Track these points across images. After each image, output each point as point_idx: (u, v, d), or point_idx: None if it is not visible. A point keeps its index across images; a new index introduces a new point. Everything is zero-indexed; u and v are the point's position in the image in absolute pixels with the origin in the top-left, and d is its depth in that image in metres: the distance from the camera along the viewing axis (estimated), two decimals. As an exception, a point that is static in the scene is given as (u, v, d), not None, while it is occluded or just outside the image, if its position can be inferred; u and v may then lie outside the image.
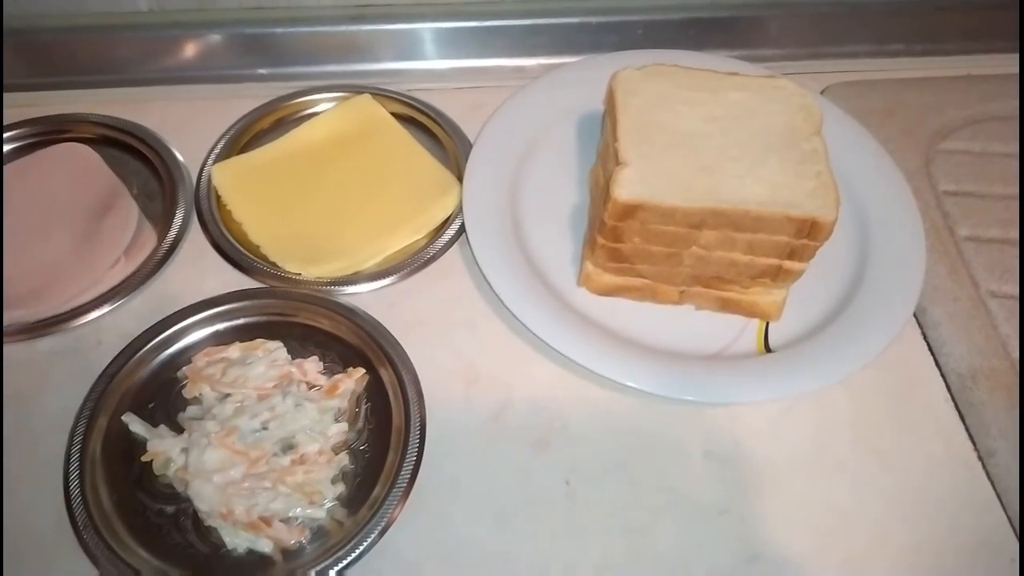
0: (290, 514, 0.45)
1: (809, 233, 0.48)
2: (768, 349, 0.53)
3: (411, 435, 0.48)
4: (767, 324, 0.54)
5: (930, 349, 0.54)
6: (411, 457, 0.47)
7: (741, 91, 0.53)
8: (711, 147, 0.50)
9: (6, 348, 0.51)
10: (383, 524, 0.45)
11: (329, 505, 0.46)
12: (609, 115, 0.54)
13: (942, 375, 0.53)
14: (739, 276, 0.51)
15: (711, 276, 0.52)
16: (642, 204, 0.48)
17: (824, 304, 0.54)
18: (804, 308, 0.54)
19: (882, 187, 0.59)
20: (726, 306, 0.54)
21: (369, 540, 0.44)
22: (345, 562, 0.44)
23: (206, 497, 0.44)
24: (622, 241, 0.50)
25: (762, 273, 0.50)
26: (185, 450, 0.46)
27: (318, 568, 0.43)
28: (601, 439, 0.49)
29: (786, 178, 0.49)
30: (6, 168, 0.59)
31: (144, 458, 0.46)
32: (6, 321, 0.52)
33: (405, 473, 0.47)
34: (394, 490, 0.46)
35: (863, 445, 0.50)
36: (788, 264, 0.50)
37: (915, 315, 0.55)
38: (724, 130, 0.51)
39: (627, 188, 0.48)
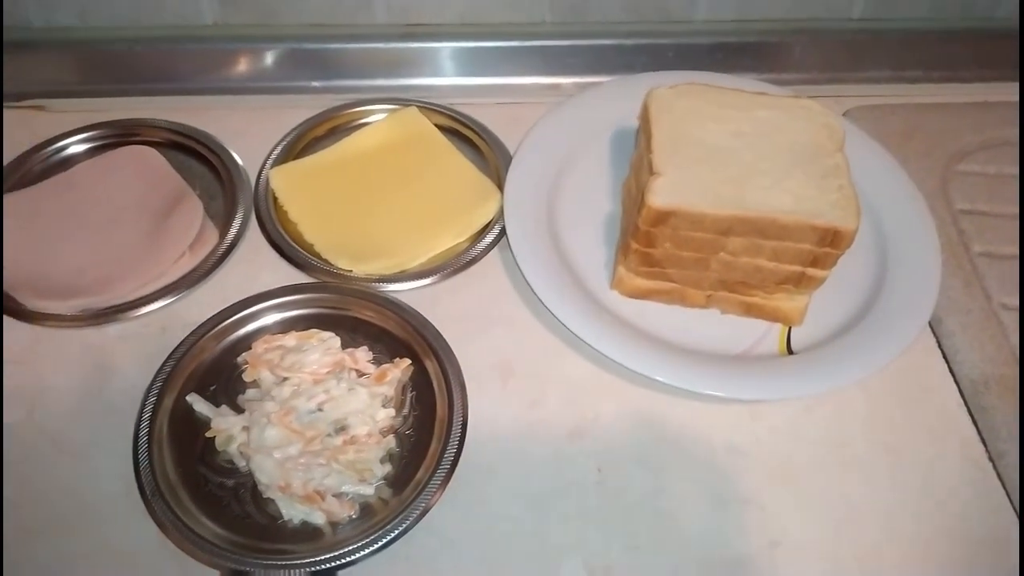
0: (342, 489, 0.48)
1: (831, 242, 0.51)
2: (790, 352, 0.56)
3: (454, 423, 0.51)
4: (789, 328, 0.57)
5: (944, 356, 0.57)
6: (454, 443, 0.50)
7: (768, 110, 0.57)
8: (739, 160, 0.54)
9: (80, 332, 0.55)
10: (426, 504, 0.48)
11: (377, 483, 0.49)
12: (643, 129, 0.58)
13: (955, 381, 0.56)
14: (764, 282, 0.54)
15: (737, 281, 0.55)
16: (674, 211, 0.51)
17: (844, 311, 0.58)
18: (825, 314, 0.57)
19: (900, 203, 0.63)
20: (750, 310, 0.57)
21: (413, 517, 0.47)
22: (390, 536, 0.46)
23: (267, 470, 0.48)
24: (654, 246, 0.54)
25: (786, 279, 0.54)
26: (246, 428, 0.50)
27: (366, 540, 0.46)
28: (631, 431, 0.53)
29: (810, 190, 0.52)
30: (80, 166, 0.63)
31: (208, 434, 0.50)
32: (79, 307, 0.55)
33: (448, 458, 0.49)
34: (437, 472, 0.49)
35: (878, 444, 0.53)
36: (811, 271, 0.53)
37: (930, 324, 0.58)
38: (751, 145, 0.55)
39: (660, 195, 0.52)
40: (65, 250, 0.58)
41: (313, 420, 0.50)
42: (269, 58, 0.70)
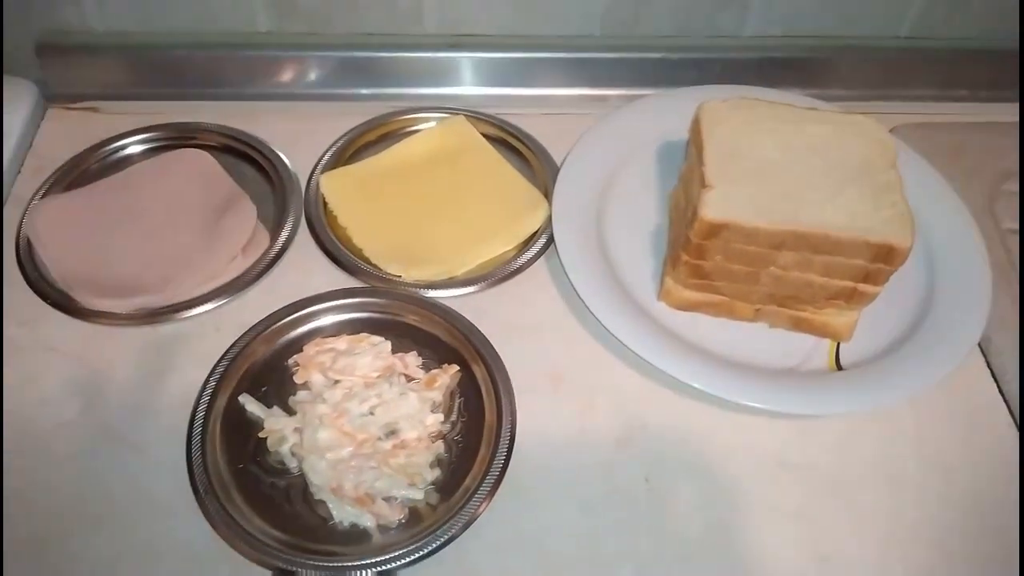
0: (391, 493, 0.49)
1: (885, 258, 0.51)
2: (839, 367, 0.56)
3: (503, 430, 0.51)
4: (838, 344, 0.57)
5: (993, 375, 0.57)
6: (502, 451, 0.50)
7: (820, 124, 0.57)
8: (791, 175, 0.54)
9: (136, 330, 0.56)
10: (474, 510, 0.48)
11: (426, 488, 0.49)
12: (694, 142, 0.58)
13: (1005, 401, 0.55)
14: (814, 297, 0.54)
15: (787, 296, 0.55)
16: (727, 224, 0.51)
17: (893, 328, 0.57)
18: (874, 331, 0.57)
19: (949, 221, 0.62)
20: (799, 325, 0.57)
21: (461, 523, 0.47)
22: (439, 542, 0.47)
23: (320, 471, 0.48)
24: (705, 259, 0.54)
25: (836, 295, 0.54)
26: (298, 430, 0.50)
27: (414, 545, 0.47)
28: (680, 442, 0.53)
29: (864, 206, 0.52)
30: (136, 167, 0.64)
31: (261, 434, 0.51)
32: (135, 306, 0.56)
33: (496, 465, 0.50)
34: (486, 480, 0.49)
35: (927, 463, 0.52)
36: (863, 287, 0.53)
37: (980, 344, 0.58)
38: (803, 160, 0.55)
39: (713, 208, 0.52)
40: (121, 250, 0.59)
41: (364, 423, 0.50)
42: (321, 66, 0.71)
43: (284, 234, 0.61)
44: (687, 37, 0.72)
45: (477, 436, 0.52)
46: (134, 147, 0.67)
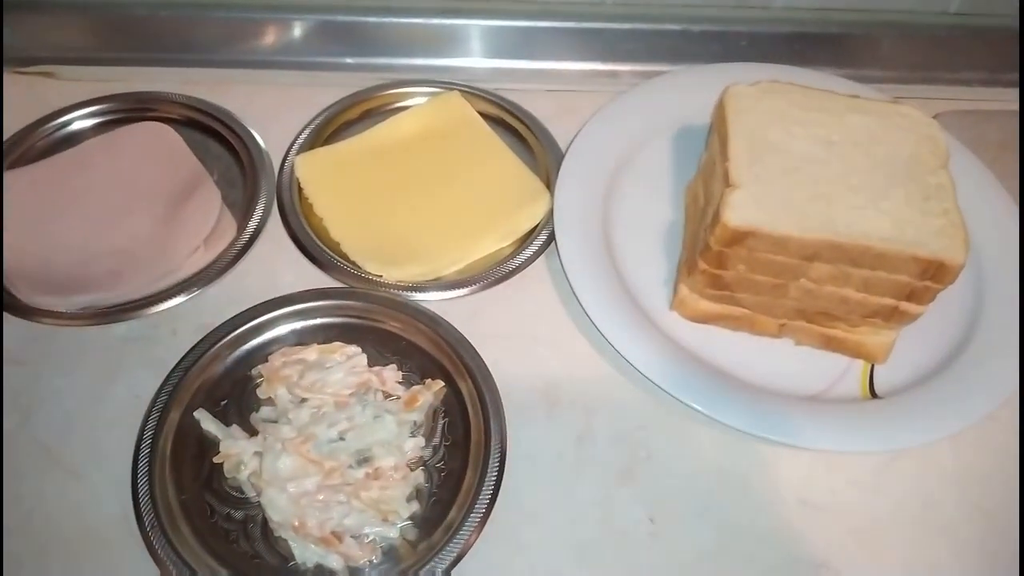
0: (363, 531, 0.43)
1: (934, 275, 0.45)
2: (873, 393, 0.49)
3: (491, 456, 0.46)
4: (872, 366, 0.50)
5: (1045, 407, 0.51)
6: (490, 480, 0.45)
7: (861, 115, 0.50)
8: (829, 173, 0.47)
9: (82, 331, 0.50)
10: (458, 550, 0.43)
11: (402, 524, 0.44)
12: (718, 131, 0.51)
13: (1058, 436, 0.49)
14: (848, 314, 0.48)
15: (817, 311, 0.49)
16: (754, 231, 0.45)
17: (934, 350, 0.51)
18: (913, 352, 0.51)
19: (999, 226, 0.56)
20: (829, 344, 0.51)
21: (444, 566, 0.42)
22: (417, 587, 0.42)
23: (279, 507, 0.42)
24: (725, 268, 0.48)
25: (875, 313, 0.47)
26: (258, 454, 0.45)
27: (389, 591, 0.41)
28: (689, 476, 0.47)
29: (911, 214, 0.46)
30: (88, 143, 0.58)
31: (216, 459, 0.45)
32: (82, 303, 0.50)
33: (484, 497, 0.44)
34: (471, 515, 0.44)
35: (969, 505, 0.47)
36: (905, 306, 0.46)
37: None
38: (843, 156, 0.48)
39: (738, 213, 0.45)
40: (68, 238, 0.53)
41: (334, 450, 0.45)
42: (300, 30, 0.64)
43: (252, 223, 0.55)
44: (711, 7, 0.66)
45: (462, 463, 0.46)
46: (88, 119, 0.61)
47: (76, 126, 0.60)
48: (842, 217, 0.45)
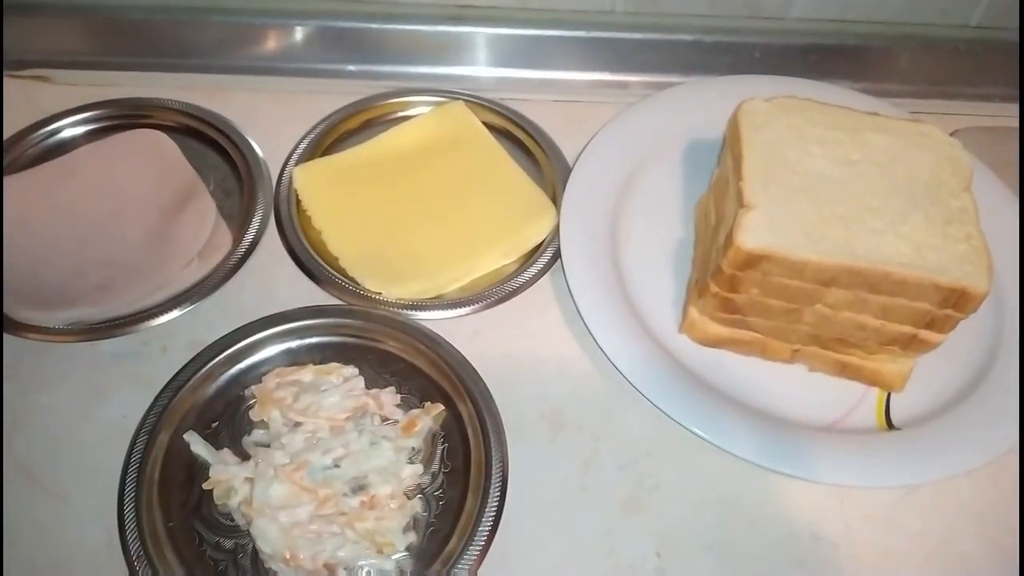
0: (357, 563, 0.41)
1: (956, 303, 0.43)
2: (889, 423, 0.47)
3: (492, 483, 0.44)
4: (889, 395, 0.49)
5: (1067, 440, 0.49)
6: (491, 509, 0.43)
7: (881, 134, 0.48)
8: (847, 194, 0.46)
9: (70, 347, 0.49)
10: (458, 584, 0.41)
11: (398, 556, 0.42)
12: (731, 148, 0.49)
13: (1082, 471, 0.47)
14: (865, 341, 0.46)
15: (832, 337, 0.47)
16: (769, 255, 0.43)
17: (953, 379, 0.49)
18: (930, 381, 0.49)
19: (1020, 250, 0.54)
20: (844, 371, 0.49)
21: (439, 601, 0.41)
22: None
23: (270, 539, 0.41)
24: (738, 291, 0.46)
25: (893, 340, 0.45)
26: (249, 480, 0.43)
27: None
28: (697, 507, 0.45)
29: (932, 239, 0.44)
30: (80, 150, 0.56)
31: (206, 485, 0.43)
32: (70, 318, 0.49)
33: (484, 527, 0.43)
34: (471, 546, 0.42)
35: (989, 542, 0.45)
36: (924, 334, 0.45)
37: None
38: (862, 176, 0.46)
39: (753, 235, 0.43)
40: (58, 249, 0.52)
41: (328, 478, 0.43)
42: (301, 36, 0.62)
43: (249, 236, 0.54)
44: (724, 17, 0.64)
45: (462, 491, 0.45)
46: (81, 126, 0.59)
47: (68, 133, 0.59)
48: (861, 241, 0.44)
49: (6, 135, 0.58)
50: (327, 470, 0.43)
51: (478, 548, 0.42)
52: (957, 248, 0.44)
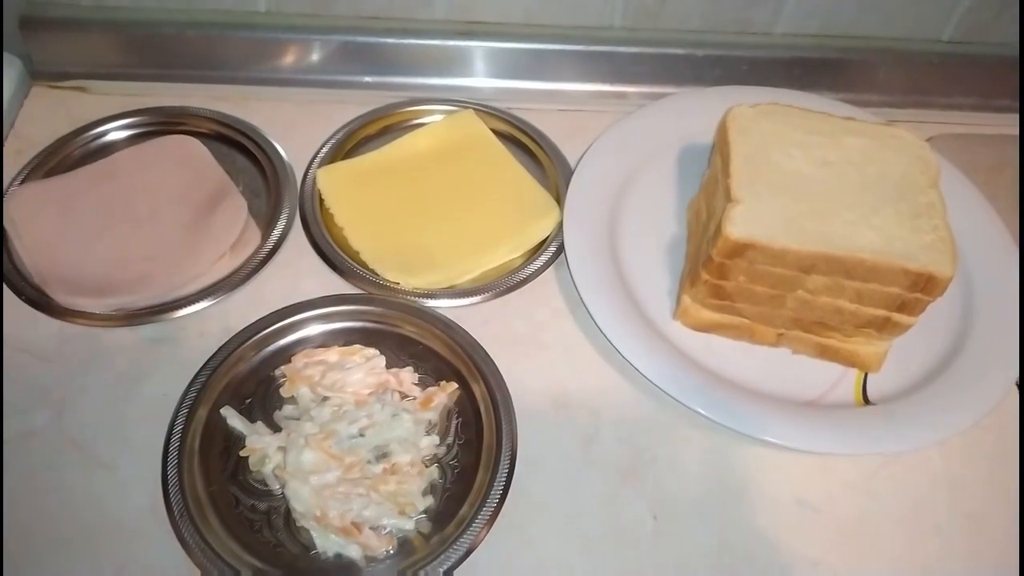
0: (380, 522, 0.45)
1: (924, 287, 0.47)
2: (866, 400, 0.52)
3: (502, 454, 0.48)
4: (866, 375, 0.53)
5: (1032, 416, 0.53)
6: (501, 477, 0.47)
7: (857, 137, 0.53)
8: (824, 191, 0.50)
9: (113, 332, 0.52)
10: (470, 543, 0.45)
11: (418, 517, 0.46)
12: (720, 150, 0.54)
13: (1044, 443, 0.52)
14: (843, 324, 0.50)
15: (813, 321, 0.51)
16: (753, 243, 0.47)
17: (925, 360, 0.54)
18: (905, 362, 0.53)
19: (989, 244, 0.58)
20: (824, 353, 0.53)
21: (456, 557, 0.44)
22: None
23: (302, 498, 0.45)
24: (727, 278, 0.50)
25: (868, 323, 0.50)
26: (282, 448, 0.47)
27: (407, 580, 0.44)
28: (691, 476, 0.49)
29: (901, 230, 0.48)
30: (120, 154, 0.61)
31: (242, 453, 0.47)
32: (113, 306, 0.53)
33: (495, 493, 0.46)
34: (483, 510, 0.46)
35: (958, 509, 0.49)
36: (897, 317, 0.49)
37: (1017, 381, 0.53)
38: (838, 175, 0.51)
39: (739, 226, 0.48)
40: (101, 243, 0.55)
41: (353, 445, 0.47)
42: (321, 50, 0.66)
43: (276, 232, 0.57)
44: (715, 32, 0.68)
45: (475, 461, 0.49)
46: (120, 132, 0.63)
47: (109, 137, 0.63)
48: (836, 232, 0.48)
49: (49, 141, 0.62)
50: (352, 439, 0.47)
51: (490, 511, 0.46)
52: (924, 238, 0.48)
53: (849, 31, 0.68)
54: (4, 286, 0.54)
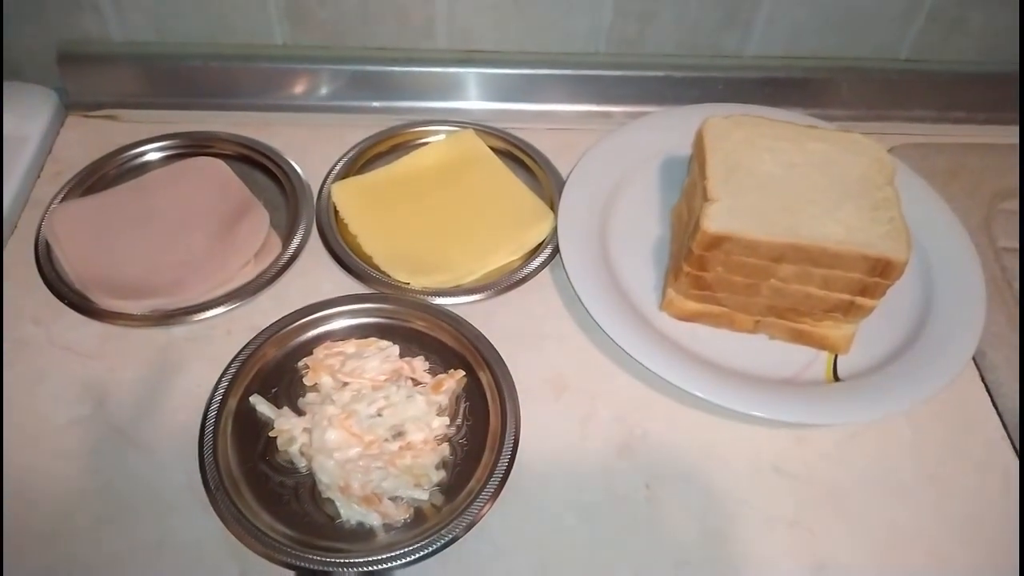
0: (398, 493, 0.50)
1: (882, 272, 0.52)
2: (837, 378, 0.57)
3: (507, 435, 0.52)
4: (836, 356, 0.58)
5: (988, 389, 0.58)
6: (506, 455, 0.51)
7: (819, 142, 0.58)
8: (791, 190, 0.55)
9: (149, 332, 0.57)
10: (478, 512, 0.49)
11: (431, 489, 0.50)
12: (697, 157, 0.60)
13: (999, 414, 0.56)
14: (813, 309, 0.56)
15: (786, 308, 0.56)
16: (729, 236, 0.53)
17: (890, 342, 0.59)
18: (871, 344, 0.58)
19: (946, 238, 0.64)
20: (798, 337, 0.58)
21: (465, 524, 0.48)
22: (443, 541, 0.48)
23: (328, 470, 0.49)
24: (706, 270, 0.55)
25: (835, 307, 0.55)
26: (307, 430, 0.51)
27: (420, 543, 0.48)
28: (679, 450, 0.54)
29: (861, 221, 0.53)
30: (152, 173, 0.66)
31: (271, 434, 0.52)
32: (149, 307, 0.58)
33: (500, 468, 0.51)
34: (490, 482, 0.50)
35: (924, 473, 0.53)
36: (860, 300, 0.54)
37: (974, 358, 0.59)
38: (803, 176, 0.56)
39: (715, 221, 0.53)
40: (136, 253, 0.60)
41: (372, 425, 0.51)
42: (334, 78, 0.72)
43: (296, 241, 0.63)
44: (691, 56, 0.74)
45: (481, 440, 0.53)
46: (151, 154, 0.69)
47: (143, 159, 0.68)
48: (803, 225, 0.53)
49: (83, 165, 0.67)
50: (371, 419, 0.52)
51: (496, 483, 0.50)
52: (882, 228, 0.53)
53: (814, 52, 0.74)
54: (47, 290, 0.59)
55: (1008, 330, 0.60)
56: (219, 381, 0.54)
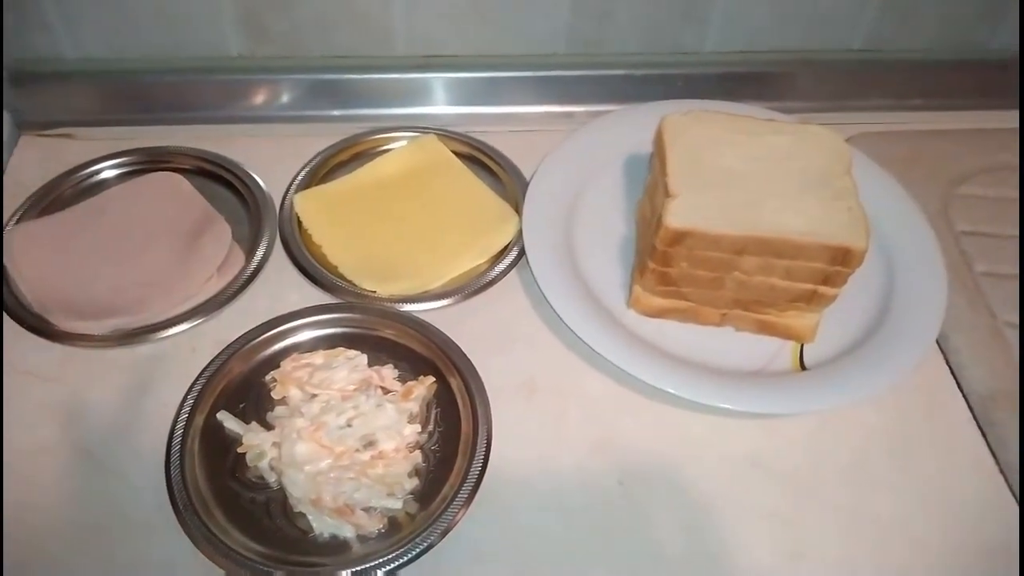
0: (371, 503, 0.49)
1: (842, 260, 0.53)
2: (803, 367, 0.57)
3: (479, 438, 0.52)
4: (802, 346, 0.58)
5: (952, 372, 0.59)
6: (479, 458, 0.51)
7: (778, 135, 0.59)
8: (752, 183, 0.56)
9: (111, 352, 0.56)
10: (453, 517, 0.48)
11: (405, 498, 0.50)
12: (658, 154, 0.60)
13: (964, 396, 0.57)
14: (777, 300, 0.56)
15: (751, 300, 0.57)
16: (691, 231, 0.53)
17: (855, 329, 0.59)
18: (836, 333, 0.59)
19: (905, 226, 0.65)
20: (764, 328, 0.59)
21: (440, 530, 0.48)
22: (419, 549, 0.47)
23: (299, 484, 0.49)
24: (670, 265, 0.56)
25: (798, 297, 0.55)
26: (276, 444, 0.51)
27: (394, 553, 0.47)
28: (651, 445, 0.54)
29: (821, 212, 0.54)
30: (110, 191, 0.65)
31: (240, 449, 0.51)
32: (111, 327, 0.57)
33: (473, 472, 0.50)
34: (464, 487, 0.50)
35: (893, 458, 0.54)
36: (822, 289, 0.55)
37: (938, 342, 0.60)
38: (763, 169, 0.57)
39: (677, 216, 0.53)
40: (97, 272, 0.59)
41: (342, 435, 0.51)
42: (292, 88, 0.72)
43: (259, 253, 0.62)
44: (650, 54, 0.74)
45: (454, 445, 0.53)
46: (108, 171, 0.68)
47: (99, 177, 0.67)
48: (764, 217, 0.54)
49: (38, 186, 0.66)
50: (341, 429, 0.51)
51: (470, 487, 0.50)
52: (841, 217, 0.54)
53: (771, 46, 0.75)
54: (5, 316, 0.57)
55: (970, 313, 0.61)
56: (184, 399, 0.53)
